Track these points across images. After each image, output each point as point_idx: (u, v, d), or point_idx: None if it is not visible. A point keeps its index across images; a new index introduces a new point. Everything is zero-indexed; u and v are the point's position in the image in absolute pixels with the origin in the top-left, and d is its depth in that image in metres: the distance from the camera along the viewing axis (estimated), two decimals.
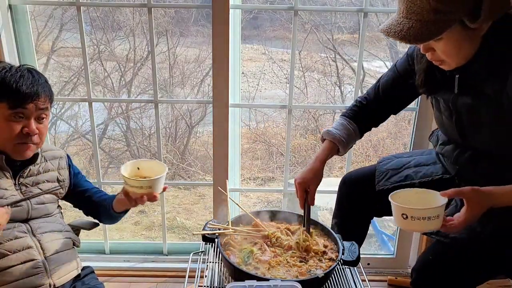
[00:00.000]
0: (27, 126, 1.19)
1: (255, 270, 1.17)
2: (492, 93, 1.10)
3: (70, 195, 1.40)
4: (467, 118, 1.18)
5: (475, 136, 1.20)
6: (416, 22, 1.00)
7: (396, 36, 1.03)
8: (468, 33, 1.04)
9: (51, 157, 1.35)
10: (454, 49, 1.07)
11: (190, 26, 4.47)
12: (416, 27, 1.00)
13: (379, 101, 1.45)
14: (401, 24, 1.03)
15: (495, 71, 1.08)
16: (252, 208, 4.12)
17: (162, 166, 1.22)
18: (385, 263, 2.14)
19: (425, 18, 0.99)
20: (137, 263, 2.10)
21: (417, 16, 1.00)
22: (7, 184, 1.22)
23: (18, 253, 1.19)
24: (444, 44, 1.06)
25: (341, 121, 1.46)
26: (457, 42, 1.05)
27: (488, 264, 1.15)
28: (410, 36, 1.01)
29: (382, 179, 1.43)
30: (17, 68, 1.21)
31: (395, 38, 1.04)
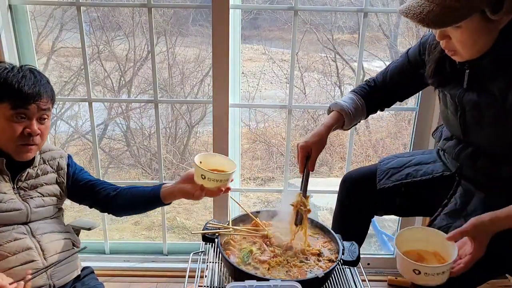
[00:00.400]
0: (28, 126, 1.18)
1: (254, 270, 1.17)
2: (497, 91, 1.09)
3: (72, 192, 1.39)
4: (471, 115, 1.18)
5: (477, 134, 1.19)
6: (437, 6, 0.98)
7: (414, 18, 1.01)
8: (487, 25, 1.02)
9: (50, 158, 1.34)
10: (470, 40, 1.05)
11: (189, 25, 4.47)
12: (436, 11, 0.98)
13: (386, 86, 1.45)
14: (421, 6, 1.01)
15: (503, 68, 1.08)
16: (252, 208, 4.12)
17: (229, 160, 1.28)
18: (385, 263, 2.14)
19: (447, 3, 0.97)
20: (137, 263, 2.10)
21: (439, 0, 0.98)
22: (5, 188, 1.22)
23: (18, 254, 1.18)
24: (461, 33, 1.04)
25: (350, 95, 1.45)
26: (474, 32, 1.03)
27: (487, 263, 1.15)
28: (429, 19, 0.99)
29: (383, 177, 1.43)
30: (19, 68, 1.21)
31: (413, 20, 1.02)
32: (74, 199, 1.42)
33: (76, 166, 1.41)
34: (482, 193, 1.20)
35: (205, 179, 1.21)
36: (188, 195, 1.26)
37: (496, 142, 1.16)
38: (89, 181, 1.39)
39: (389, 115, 4.87)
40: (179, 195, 1.29)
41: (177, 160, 4.51)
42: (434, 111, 1.90)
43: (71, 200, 1.42)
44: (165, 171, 4.32)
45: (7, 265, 1.17)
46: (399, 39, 4.66)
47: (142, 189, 1.36)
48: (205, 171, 1.21)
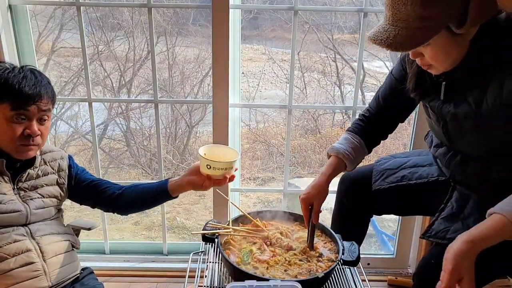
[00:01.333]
0: (29, 127, 1.18)
1: (254, 269, 1.17)
2: (472, 101, 1.10)
3: (75, 193, 1.39)
4: (452, 125, 1.20)
5: (460, 142, 1.21)
6: (402, 30, 0.99)
7: (382, 44, 1.02)
8: (456, 38, 1.03)
9: (50, 159, 1.34)
10: (442, 54, 1.06)
11: (190, 25, 4.47)
12: (402, 34, 0.99)
13: (381, 111, 1.42)
14: (387, 31, 1.01)
15: (475, 78, 1.08)
16: (252, 208, 4.12)
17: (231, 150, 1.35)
18: (385, 263, 2.14)
19: (411, 25, 0.98)
20: (137, 263, 2.10)
21: (403, 23, 0.98)
22: (5, 189, 1.21)
23: (17, 256, 1.18)
24: (432, 50, 1.05)
25: (345, 135, 1.43)
26: (444, 47, 1.04)
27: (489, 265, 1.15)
28: (397, 43, 1.00)
29: (378, 178, 1.44)
30: (19, 69, 1.21)
31: (381, 46, 1.02)
32: (76, 200, 1.42)
33: (78, 167, 1.41)
34: (477, 196, 1.21)
35: (211, 168, 1.26)
36: (196, 186, 1.29)
37: (479, 149, 1.17)
38: (92, 181, 1.39)
39: None
40: (188, 187, 1.31)
41: (177, 160, 4.51)
42: None
43: (73, 201, 1.42)
44: (165, 171, 4.32)
45: (7, 267, 1.17)
46: None
47: (148, 185, 1.37)
48: (210, 161, 1.25)
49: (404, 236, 2.10)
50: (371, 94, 4.83)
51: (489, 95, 1.06)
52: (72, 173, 1.38)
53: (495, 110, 1.06)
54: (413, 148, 1.97)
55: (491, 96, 1.06)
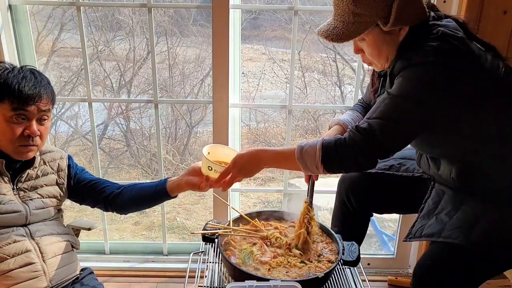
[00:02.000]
0: (28, 128, 1.18)
1: (255, 270, 1.17)
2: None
3: (74, 193, 1.39)
4: None
5: None
6: (340, 23, 1.14)
7: (322, 35, 1.17)
8: (386, 37, 1.14)
9: (50, 159, 1.34)
10: (375, 51, 1.18)
11: (190, 25, 4.47)
12: (339, 27, 1.14)
13: (370, 100, 1.50)
14: (329, 24, 1.17)
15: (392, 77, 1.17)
16: (252, 208, 4.12)
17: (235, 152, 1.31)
18: (385, 263, 2.14)
19: (346, 20, 1.13)
20: (137, 263, 2.10)
21: (341, 18, 1.14)
22: (5, 189, 1.21)
23: (16, 256, 1.18)
24: (367, 45, 1.18)
25: (348, 112, 1.51)
26: (376, 44, 1.16)
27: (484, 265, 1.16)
28: (334, 35, 1.14)
29: None
30: (19, 69, 1.21)
31: (322, 37, 1.17)
32: (76, 200, 1.42)
33: (77, 167, 1.41)
34: (451, 190, 1.26)
35: (212, 170, 1.25)
36: (194, 187, 1.30)
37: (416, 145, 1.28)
38: (91, 180, 1.39)
39: None
40: (186, 187, 1.32)
41: (177, 160, 4.51)
42: None
43: (72, 201, 1.42)
44: (165, 171, 4.32)
45: (6, 267, 1.17)
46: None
47: (147, 185, 1.38)
48: (212, 163, 1.25)
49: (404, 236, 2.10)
50: None
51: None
52: (72, 173, 1.38)
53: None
54: None
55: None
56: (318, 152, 1.13)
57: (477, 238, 1.12)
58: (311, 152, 1.14)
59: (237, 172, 1.23)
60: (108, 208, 1.40)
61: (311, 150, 1.14)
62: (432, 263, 1.17)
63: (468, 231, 1.14)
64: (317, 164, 1.14)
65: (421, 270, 1.20)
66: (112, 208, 1.39)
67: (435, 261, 1.17)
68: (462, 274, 1.15)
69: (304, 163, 1.16)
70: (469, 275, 1.16)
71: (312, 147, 1.14)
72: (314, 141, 1.16)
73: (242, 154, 1.23)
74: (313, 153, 1.14)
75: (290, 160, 1.18)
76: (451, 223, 1.18)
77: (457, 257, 1.15)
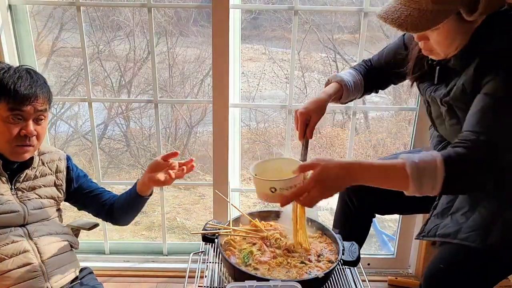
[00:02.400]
0: (25, 128, 1.18)
1: (255, 270, 1.16)
2: (449, 87, 1.13)
3: (74, 198, 1.39)
4: (433, 109, 1.24)
5: (442, 127, 1.24)
6: (414, 11, 1.00)
7: (393, 23, 1.02)
8: (463, 26, 1.04)
9: (48, 160, 1.33)
10: (447, 40, 1.07)
11: (190, 26, 4.47)
12: (414, 15, 1.00)
13: (380, 67, 1.44)
14: (398, 11, 1.02)
15: (463, 67, 1.09)
16: (252, 208, 4.11)
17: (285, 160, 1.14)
18: (385, 263, 2.14)
19: (423, 7, 0.99)
20: (137, 263, 2.10)
21: (415, 5, 1.00)
22: (3, 189, 1.21)
23: (15, 257, 1.18)
24: (439, 34, 1.06)
25: (350, 70, 1.45)
26: (451, 33, 1.05)
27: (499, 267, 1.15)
28: (408, 24, 1.01)
29: None
30: (15, 69, 1.20)
31: (392, 25, 1.03)
32: (76, 205, 1.43)
33: (78, 171, 1.41)
34: None
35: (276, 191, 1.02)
36: (158, 183, 1.29)
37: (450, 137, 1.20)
38: (94, 190, 1.41)
39: (389, 115, 4.87)
40: (150, 183, 1.31)
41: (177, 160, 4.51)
42: None
43: (72, 205, 1.43)
44: None
45: (4, 268, 1.16)
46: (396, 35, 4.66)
47: (126, 192, 1.39)
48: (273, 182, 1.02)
49: (404, 236, 2.10)
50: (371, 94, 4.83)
51: (457, 84, 1.09)
52: (72, 176, 1.38)
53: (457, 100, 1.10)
54: (413, 148, 1.97)
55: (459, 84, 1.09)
56: (440, 169, 0.95)
57: (494, 240, 1.09)
58: (429, 168, 0.96)
59: (320, 189, 0.99)
60: (108, 220, 1.43)
61: (429, 167, 0.96)
62: (445, 266, 1.14)
63: (486, 234, 1.10)
64: (435, 184, 0.96)
65: (433, 273, 1.17)
66: (111, 220, 1.43)
67: (449, 264, 1.14)
68: (477, 277, 1.13)
69: (419, 182, 0.96)
70: (483, 277, 1.14)
71: (429, 163, 0.96)
72: (425, 155, 0.98)
73: (328, 165, 0.98)
74: (432, 170, 0.96)
75: (397, 178, 0.99)
76: (468, 225, 1.13)
77: (473, 260, 1.12)
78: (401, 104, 4.51)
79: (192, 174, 4.44)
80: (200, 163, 4.49)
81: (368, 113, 4.81)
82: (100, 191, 1.41)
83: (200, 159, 4.55)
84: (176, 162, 1.31)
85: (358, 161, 1.03)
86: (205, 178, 4.33)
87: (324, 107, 1.33)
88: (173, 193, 4.29)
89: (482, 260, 1.12)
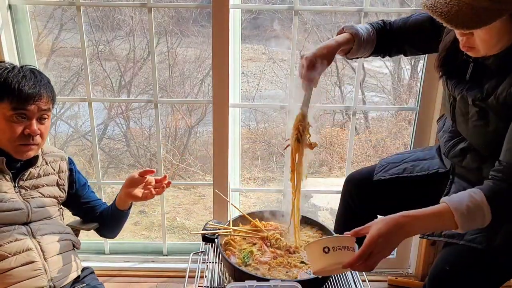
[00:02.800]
0: (28, 127, 1.18)
1: (255, 270, 1.17)
2: (486, 89, 1.09)
3: (71, 202, 1.41)
4: (459, 106, 1.19)
5: (463, 126, 1.20)
6: (467, 6, 0.93)
7: (442, 17, 0.96)
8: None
9: (51, 159, 1.34)
10: (494, 39, 1.01)
11: (190, 26, 4.47)
12: (466, 11, 0.93)
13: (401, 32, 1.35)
14: (449, 4, 0.94)
15: (502, 69, 1.06)
16: (252, 208, 4.11)
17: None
18: (385, 263, 2.14)
19: (477, 4, 0.92)
20: (137, 263, 2.10)
21: (469, 0, 0.93)
22: (6, 187, 1.21)
23: (18, 255, 1.18)
24: (486, 33, 1.00)
25: (366, 25, 1.37)
26: (499, 33, 1.00)
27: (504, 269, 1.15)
28: (458, 20, 0.94)
29: (381, 170, 1.44)
30: (19, 69, 1.21)
31: (439, 19, 0.96)
32: (70, 209, 1.45)
33: (79, 176, 1.42)
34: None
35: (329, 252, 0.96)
36: (135, 198, 1.32)
37: (479, 140, 1.16)
38: (91, 201, 1.43)
39: (389, 115, 4.87)
40: (126, 199, 1.34)
41: (177, 160, 4.51)
42: (434, 111, 1.90)
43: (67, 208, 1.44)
44: (165, 171, 4.32)
45: (7, 265, 1.17)
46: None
47: (108, 207, 1.43)
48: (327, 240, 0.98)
49: None
50: (371, 94, 4.82)
51: (501, 88, 1.04)
52: (74, 178, 1.39)
53: (498, 105, 1.05)
54: (414, 147, 1.97)
55: (502, 90, 1.04)
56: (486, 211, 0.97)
57: (500, 242, 1.09)
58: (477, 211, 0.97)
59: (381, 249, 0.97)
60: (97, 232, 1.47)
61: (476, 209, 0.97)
62: (451, 267, 1.14)
63: (492, 236, 1.10)
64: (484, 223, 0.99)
65: (438, 274, 1.16)
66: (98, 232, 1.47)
67: (454, 265, 1.13)
68: (482, 278, 1.12)
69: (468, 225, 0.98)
70: (488, 279, 1.13)
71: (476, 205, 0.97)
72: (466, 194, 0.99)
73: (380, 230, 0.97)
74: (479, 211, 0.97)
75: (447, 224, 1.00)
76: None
77: (478, 261, 1.12)
78: (401, 104, 4.51)
79: (192, 174, 4.44)
80: (200, 163, 4.49)
81: (368, 113, 4.81)
82: (96, 204, 1.44)
83: (200, 159, 4.55)
84: (153, 178, 1.33)
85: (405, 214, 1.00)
86: (205, 178, 4.33)
87: (333, 55, 1.24)
88: (173, 193, 4.29)
89: (488, 261, 1.11)
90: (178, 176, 4.47)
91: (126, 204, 1.37)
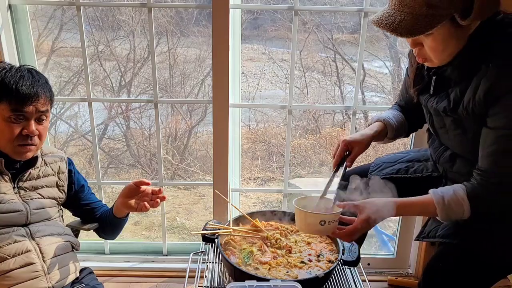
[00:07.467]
0: (26, 127, 1.18)
1: (255, 270, 1.17)
2: (452, 98, 1.12)
3: (72, 204, 1.41)
4: (435, 119, 1.22)
5: (445, 137, 1.23)
6: (408, 15, 1.01)
7: (387, 28, 1.04)
8: (457, 31, 1.04)
9: (51, 161, 1.34)
10: (441, 46, 1.07)
11: (191, 26, 4.47)
12: (408, 20, 1.01)
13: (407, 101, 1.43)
14: (392, 16, 1.03)
15: (462, 77, 1.09)
16: (252, 208, 4.11)
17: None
18: (385, 263, 2.14)
19: (417, 12, 0.99)
20: (137, 263, 2.10)
21: (409, 9, 1.00)
22: (5, 188, 1.21)
23: (17, 257, 1.18)
24: (433, 40, 1.06)
25: (388, 110, 1.44)
26: (445, 39, 1.05)
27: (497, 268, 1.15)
28: (402, 28, 1.02)
29: (375, 169, 1.45)
30: (17, 69, 1.20)
31: (386, 30, 1.04)
32: (70, 210, 1.45)
33: (79, 177, 1.43)
34: None
35: (325, 224, 1.11)
36: (131, 209, 1.33)
37: (463, 147, 1.18)
38: (90, 203, 1.44)
39: None
40: (123, 208, 1.35)
41: (177, 160, 4.51)
42: None
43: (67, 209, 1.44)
44: (165, 171, 4.32)
45: (6, 267, 1.17)
46: (398, 39, 4.65)
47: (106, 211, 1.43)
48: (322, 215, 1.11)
49: (404, 236, 2.10)
50: (371, 94, 4.83)
51: (466, 96, 1.07)
52: (74, 179, 1.39)
53: (468, 114, 1.08)
54: (413, 148, 1.97)
55: (467, 100, 1.07)
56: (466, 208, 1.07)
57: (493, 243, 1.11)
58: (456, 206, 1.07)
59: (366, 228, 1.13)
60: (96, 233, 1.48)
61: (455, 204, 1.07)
62: (444, 265, 1.15)
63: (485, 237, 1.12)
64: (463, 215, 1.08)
65: (432, 272, 1.18)
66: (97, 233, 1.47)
67: (448, 263, 1.15)
68: (475, 277, 1.14)
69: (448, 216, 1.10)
70: (481, 277, 1.15)
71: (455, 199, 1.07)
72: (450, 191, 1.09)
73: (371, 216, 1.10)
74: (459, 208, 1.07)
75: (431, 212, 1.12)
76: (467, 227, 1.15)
77: (472, 260, 1.13)
78: None
79: (192, 174, 4.45)
80: (200, 163, 4.49)
81: (368, 113, 4.81)
82: (96, 205, 1.44)
83: (200, 159, 4.55)
84: (150, 189, 1.34)
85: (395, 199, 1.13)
86: (205, 178, 4.33)
87: (369, 142, 1.33)
88: (173, 193, 4.29)
89: (481, 261, 1.12)
90: (178, 176, 4.47)
91: (123, 213, 1.37)
